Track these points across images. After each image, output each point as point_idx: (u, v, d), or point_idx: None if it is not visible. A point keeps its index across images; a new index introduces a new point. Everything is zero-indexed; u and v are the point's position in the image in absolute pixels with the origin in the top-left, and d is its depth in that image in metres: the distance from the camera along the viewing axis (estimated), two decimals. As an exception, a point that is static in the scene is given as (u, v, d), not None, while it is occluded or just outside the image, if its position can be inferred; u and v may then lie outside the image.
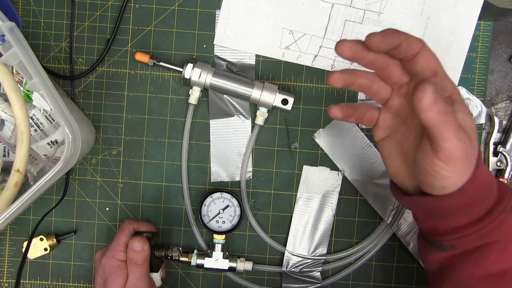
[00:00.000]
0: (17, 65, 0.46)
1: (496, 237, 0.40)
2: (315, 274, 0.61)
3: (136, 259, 0.51)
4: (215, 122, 0.60)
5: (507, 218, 0.40)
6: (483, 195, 0.40)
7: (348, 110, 0.44)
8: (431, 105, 0.33)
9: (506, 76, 0.61)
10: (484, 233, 0.40)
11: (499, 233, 0.40)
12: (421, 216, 0.44)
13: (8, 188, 0.48)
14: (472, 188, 0.38)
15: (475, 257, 0.41)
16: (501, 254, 0.41)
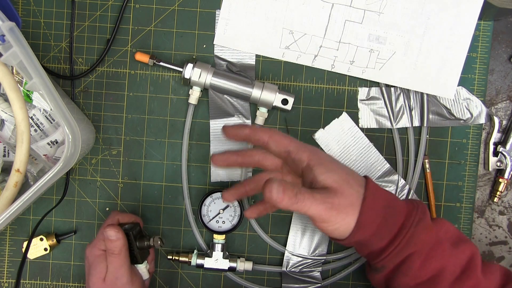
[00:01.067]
0: (17, 65, 0.46)
1: (412, 249, 0.46)
2: (315, 274, 0.61)
3: (113, 249, 0.51)
4: (215, 122, 0.60)
5: (416, 231, 0.46)
6: (384, 218, 0.46)
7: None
8: (281, 197, 0.42)
9: (506, 76, 0.61)
10: (401, 248, 0.46)
11: (414, 245, 0.46)
12: (357, 249, 0.49)
13: (8, 188, 0.48)
14: (365, 222, 0.45)
15: (403, 270, 0.47)
16: (424, 263, 0.46)
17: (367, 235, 0.46)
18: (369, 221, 0.46)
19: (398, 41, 0.58)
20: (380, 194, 0.47)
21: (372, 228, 0.46)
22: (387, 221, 0.46)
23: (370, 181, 0.47)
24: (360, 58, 0.59)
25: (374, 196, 0.46)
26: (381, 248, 0.47)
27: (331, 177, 0.45)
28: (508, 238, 0.62)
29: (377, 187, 0.48)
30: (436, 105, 0.60)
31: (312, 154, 0.47)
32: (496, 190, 0.60)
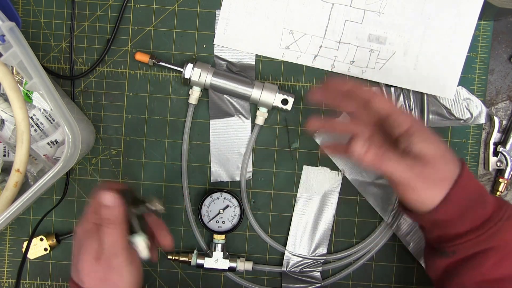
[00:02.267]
0: (17, 65, 0.46)
1: (493, 243, 0.43)
2: (315, 274, 0.61)
3: (109, 217, 0.43)
4: (215, 122, 0.60)
5: (504, 226, 0.44)
6: (473, 203, 0.44)
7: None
8: (365, 153, 0.42)
9: (506, 76, 0.61)
10: (482, 240, 0.43)
11: (496, 240, 0.43)
12: (426, 226, 0.48)
13: (8, 188, 0.48)
14: (454, 198, 0.43)
15: (473, 263, 0.44)
16: (499, 261, 0.44)
17: (450, 216, 0.44)
18: (458, 200, 0.43)
19: (398, 41, 0.58)
20: (473, 180, 0.45)
21: (458, 209, 0.43)
22: (475, 207, 0.44)
23: (466, 165, 0.45)
24: (360, 58, 0.59)
25: (468, 179, 0.44)
26: (459, 234, 0.44)
27: (428, 147, 0.43)
28: (508, 238, 0.62)
29: (471, 173, 0.45)
30: (436, 105, 0.60)
31: (414, 121, 0.45)
32: (496, 190, 0.60)
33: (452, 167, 0.44)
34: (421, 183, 0.43)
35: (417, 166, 0.43)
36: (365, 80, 0.60)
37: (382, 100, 0.46)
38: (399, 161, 0.43)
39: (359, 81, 0.60)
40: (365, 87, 0.47)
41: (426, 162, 0.43)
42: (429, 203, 0.44)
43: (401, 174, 0.43)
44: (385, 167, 0.43)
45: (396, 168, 0.42)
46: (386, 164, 0.42)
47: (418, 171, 0.43)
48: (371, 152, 0.42)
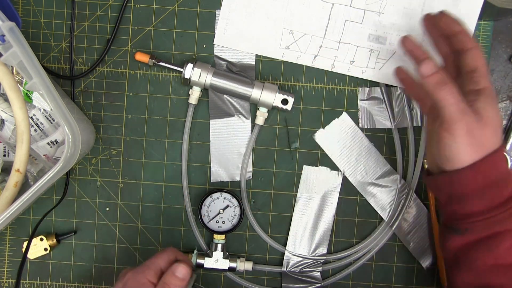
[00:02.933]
0: (17, 65, 0.46)
1: (509, 226, 0.43)
2: (315, 274, 0.61)
3: (172, 285, 0.46)
4: (215, 122, 0.60)
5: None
6: (496, 182, 0.43)
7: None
8: (429, 74, 0.42)
9: (506, 76, 0.61)
10: (497, 221, 0.43)
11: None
12: (443, 200, 0.47)
13: (8, 188, 0.48)
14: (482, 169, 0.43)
15: (487, 244, 0.44)
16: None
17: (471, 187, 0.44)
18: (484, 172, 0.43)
19: (398, 41, 0.58)
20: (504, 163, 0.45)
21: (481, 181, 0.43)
22: (497, 187, 0.44)
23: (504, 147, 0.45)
24: (360, 58, 0.59)
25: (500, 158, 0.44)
26: (474, 212, 0.44)
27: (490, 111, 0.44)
28: (508, 238, 0.62)
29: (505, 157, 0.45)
30: (436, 105, 0.60)
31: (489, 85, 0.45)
32: (496, 190, 0.60)
33: (496, 141, 0.44)
34: (463, 133, 0.43)
35: (471, 116, 0.43)
36: (365, 80, 0.60)
37: (478, 54, 0.46)
38: (460, 99, 0.43)
39: (360, 80, 0.60)
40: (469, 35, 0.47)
41: (480, 119, 0.43)
42: (457, 161, 0.43)
43: (453, 111, 0.42)
44: (443, 96, 0.42)
45: (453, 102, 0.42)
46: (446, 93, 0.42)
47: (468, 119, 0.43)
48: (438, 75, 0.43)
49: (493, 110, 0.44)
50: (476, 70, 0.46)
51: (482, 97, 0.44)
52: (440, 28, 0.50)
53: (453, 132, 0.43)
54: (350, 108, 0.61)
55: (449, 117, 0.43)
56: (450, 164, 0.44)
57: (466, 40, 0.47)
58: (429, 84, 0.43)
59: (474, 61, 0.46)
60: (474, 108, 0.44)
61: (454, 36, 0.48)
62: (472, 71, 0.46)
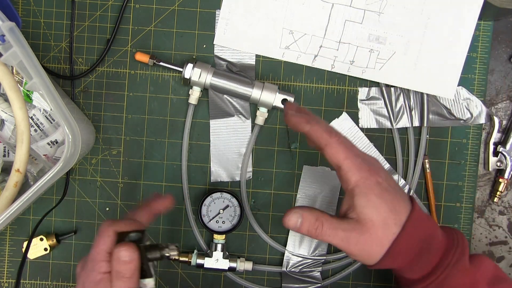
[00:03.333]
0: (17, 65, 0.46)
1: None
2: (315, 274, 0.61)
3: (124, 272, 0.42)
4: (215, 122, 0.60)
5: (451, 272, 0.44)
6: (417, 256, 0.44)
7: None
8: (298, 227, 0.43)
9: (506, 76, 0.61)
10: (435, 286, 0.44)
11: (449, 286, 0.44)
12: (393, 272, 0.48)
13: (8, 188, 0.48)
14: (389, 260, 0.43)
15: None
16: None
17: (397, 267, 0.45)
18: (398, 259, 0.44)
19: (398, 41, 0.58)
20: (420, 227, 0.44)
21: (402, 263, 0.44)
22: (422, 257, 0.44)
23: (414, 212, 0.43)
24: (360, 58, 0.59)
25: (412, 231, 0.43)
26: (414, 280, 0.45)
27: (369, 214, 0.42)
28: (508, 238, 0.62)
29: (419, 218, 0.44)
30: (436, 105, 0.60)
31: (362, 180, 0.42)
32: (496, 190, 0.60)
33: (394, 229, 0.42)
34: (358, 251, 0.43)
35: (353, 236, 0.42)
36: (365, 80, 0.60)
37: (335, 151, 0.43)
38: (336, 232, 0.43)
39: (361, 80, 0.60)
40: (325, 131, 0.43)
41: (365, 229, 0.42)
42: (369, 261, 0.44)
43: (337, 245, 0.43)
44: (321, 238, 0.43)
45: (332, 240, 0.43)
46: (321, 236, 0.43)
47: (354, 241, 0.42)
48: (304, 226, 0.43)
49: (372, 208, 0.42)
50: (340, 167, 0.43)
51: (356, 200, 0.42)
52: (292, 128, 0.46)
53: (349, 252, 0.44)
54: (350, 108, 0.61)
55: (339, 247, 0.43)
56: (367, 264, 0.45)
57: (320, 134, 0.43)
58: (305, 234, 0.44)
59: (335, 158, 0.43)
60: (354, 213, 0.43)
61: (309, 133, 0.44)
62: (338, 168, 0.43)
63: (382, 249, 0.43)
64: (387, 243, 0.42)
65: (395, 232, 0.42)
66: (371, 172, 0.43)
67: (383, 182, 0.43)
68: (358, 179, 0.42)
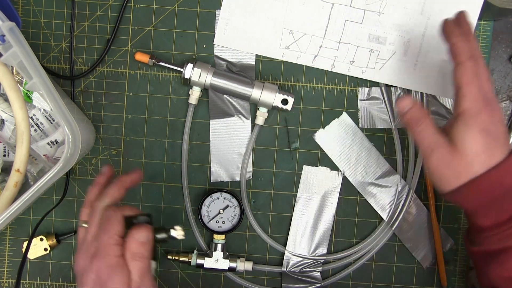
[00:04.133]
0: (17, 65, 0.46)
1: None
2: (315, 274, 0.61)
3: (142, 251, 0.43)
4: (215, 122, 0.60)
5: None
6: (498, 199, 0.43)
7: None
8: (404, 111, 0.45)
9: (506, 76, 0.61)
10: (506, 236, 0.43)
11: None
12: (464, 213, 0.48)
13: (8, 188, 0.48)
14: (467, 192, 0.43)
15: (500, 258, 0.44)
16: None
17: (471, 206, 0.44)
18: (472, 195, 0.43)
19: (398, 41, 0.58)
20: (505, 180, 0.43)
21: (475, 203, 0.44)
22: (500, 203, 0.43)
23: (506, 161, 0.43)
24: (360, 58, 0.59)
25: (496, 178, 0.43)
26: (484, 227, 0.45)
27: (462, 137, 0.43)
28: (508, 238, 0.62)
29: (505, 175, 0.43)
30: (436, 105, 0.60)
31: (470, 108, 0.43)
32: (496, 190, 0.60)
33: (474, 168, 0.43)
34: (435, 166, 0.44)
35: (441, 149, 0.43)
36: (365, 80, 0.60)
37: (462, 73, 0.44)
38: (429, 136, 0.44)
39: (360, 80, 0.60)
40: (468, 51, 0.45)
41: (452, 149, 0.43)
42: (443, 188, 0.45)
43: (424, 147, 0.44)
44: (415, 132, 0.45)
45: (424, 137, 0.44)
46: (418, 130, 0.44)
47: (438, 155, 0.44)
48: (411, 112, 0.45)
49: (469, 137, 0.43)
50: (460, 89, 0.44)
51: (458, 122, 0.44)
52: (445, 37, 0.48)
53: (427, 165, 0.45)
54: (350, 108, 0.61)
55: (422, 152, 0.45)
56: (439, 188, 0.46)
57: (460, 52, 0.45)
58: (404, 120, 0.46)
59: (459, 78, 0.45)
60: (451, 135, 0.44)
61: (453, 46, 0.46)
62: (457, 90, 0.45)
63: (459, 181, 0.43)
64: (466, 177, 0.43)
65: (477, 172, 0.43)
66: (483, 109, 0.43)
67: (490, 123, 0.43)
68: (468, 108, 0.43)
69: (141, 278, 0.43)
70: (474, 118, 0.43)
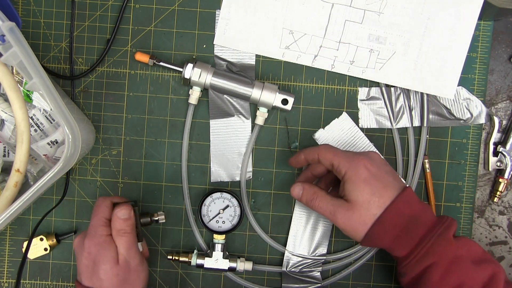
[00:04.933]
0: (17, 65, 0.46)
1: (431, 260, 0.48)
2: (315, 274, 0.61)
3: (125, 228, 0.50)
4: (215, 122, 0.60)
5: (436, 242, 0.49)
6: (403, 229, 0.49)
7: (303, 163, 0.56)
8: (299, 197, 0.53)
9: (506, 76, 0.61)
10: (420, 258, 0.49)
11: (432, 256, 0.48)
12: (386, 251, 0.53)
13: (8, 188, 0.48)
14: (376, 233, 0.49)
15: (423, 280, 0.49)
16: (443, 276, 0.48)
17: (384, 245, 0.51)
18: (382, 237, 0.50)
19: (398, 41, 0.58)
20: (406, 208, 0.50)
21: (388, 240, 0.50)
22: (409, 232, 0.49)
23: (401, 195, 0.49)
24: (360, 58, 0.59)
25: (396, 212, 0.49)
26: (403, 256, 0.50)
27: (352, 194, 0.50)
28: (508, 238, 0.62)
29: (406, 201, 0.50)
30: (436, 105, 0.60)
31: (350, 170, 0.50)
32: (496, 190, 0.60)
33: (372, 211, 0.49)
34: (343, 225, 0.50)
35: (341, 210, 0.50)
36: (365, 80, 0.60)
37: (324, 155, 0.52)
38: (327, 205, 0.51)
39: (359, 80, 0.60)
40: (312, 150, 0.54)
41: (349, 206, 0.50)
42: (357, 237, 0.51)
43: (327, 216, 0.51)
44: (315, 207, 0.52)
45: (323, 212, 0.51)
46: (316, 204, 0.52)
47: (340, 215, 0.50)
48: (304, 196, 0.53)
49: (356, 191, 0.50)
50: (332, 164, 0.52)
51: (345, 185, 0.50)
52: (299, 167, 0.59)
53: (337, 226, 0.51)
54: (350, 108, 0.61)
55: (328, 218, 0.51)
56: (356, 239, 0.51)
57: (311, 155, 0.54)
58: (303, 203, 0.53)
59: (326, 161, 0.52)
60: (344, 197, 0.51)
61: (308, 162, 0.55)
62: (332, 168, 0.52)
63: (365, 227, 0.49)
64: (370, 222, 0.49)
65: (376, 214, 0.49)
66: (359, 162, 0.50)
67: (373, 169, 0.50)
68: (347, 168, 0.50)
69: (127, 251, 0.50)
70: (355, 174, 0.50)
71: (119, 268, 0.50)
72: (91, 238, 0.50)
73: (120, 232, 0.50)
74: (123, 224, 0.50)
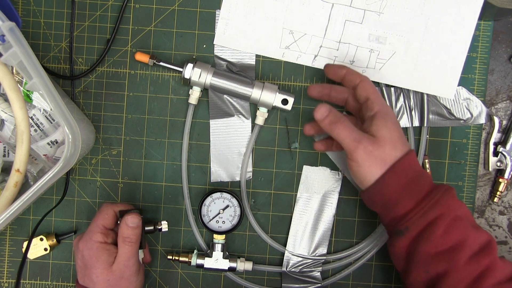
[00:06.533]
0: (17, 65, 0.46)
1: (438, 211, 0.48)
2: (315, 274, 0.61)
3: (131, 236, 0.51)
4: (215, 122, 0.60)
5: (445, 195, 0.49)
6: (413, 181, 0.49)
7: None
8: (322, 118, 0.50)
9: (506, 76, 0.61)
10: (427, 210, 0.48)
11: (441, 208, 0.48)
12: (380, 211, 0.52)
13: (8, 188, 0.48)
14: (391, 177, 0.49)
15: (425, 236, 0.48)
16: (447, 230, 0.48)
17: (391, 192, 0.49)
18: (394, 179, 0.49)
19: (398, 41, 0.58)
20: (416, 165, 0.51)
21: (397, 187, 0.49)
22: (416, 185, 0.49)
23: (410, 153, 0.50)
24: (360, 58, 0.59)
25: (409, 164, 0.50)
26: (407, 211, 0.49)
27: (381, 130, 0.49)
28: (508, 238, 0.62)
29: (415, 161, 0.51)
30: (436, 105, 0.60)
31: (381, 109, 0.51)
32: (496, 190, 0.60)
33: (395, 153, 0.49)
34: (362, 158, 0.49)
35: (365, 141, 0.49)
36: (365, 80, 0.60)
37: (365, 86, 0.52)
38: (351, 132, 0.49)
39: (359, 81, 0.60)
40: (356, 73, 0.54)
41: (375, 141, 0.49)
42: (369, 179, 0.49)
43: (348, 143, 0.49)
44: (337, 133, 0.50)
45: (346, 135, 0.49)
46: (339, 130, 0.50)
47: (364, 145, 0.49)
48: (328, 118, 0.50)
49: (387, 129, 0.50)
50: (368, 98, 0.52)
51: (375, 121, 0.50)
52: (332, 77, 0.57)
53: (355, 159, 0.49)
54: (350, 108, 0.61)
55: (347, 148, 0.50)
56: (364, 184, 0.50)
57: (353, 78, 0.54)
58: (324, 126, 0.51)
59: (364, 92, 0.52)
60: (371, 131, 0.50)
61: (343, 79, 0.55)
62: (365, 100, 0.52)
63: (382, 167, 0.49)
64: (389, 162, 0.49)
65: (397, 156, 0.49)
66: (389, 109, 0.52)
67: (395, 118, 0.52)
68: (381, 108, 0.51)
69: (126, 260, 0.51)
70: (387, 115, 0.51)
71: (110, 274, 0.51)
72: (85, 242, 0.52)
73: (126, 240, 0.51)
74: (130, 232, 0.51)
